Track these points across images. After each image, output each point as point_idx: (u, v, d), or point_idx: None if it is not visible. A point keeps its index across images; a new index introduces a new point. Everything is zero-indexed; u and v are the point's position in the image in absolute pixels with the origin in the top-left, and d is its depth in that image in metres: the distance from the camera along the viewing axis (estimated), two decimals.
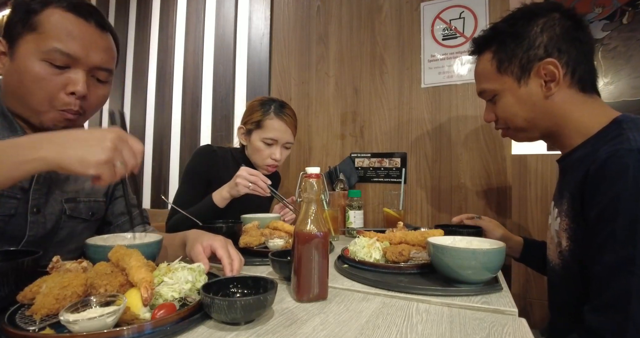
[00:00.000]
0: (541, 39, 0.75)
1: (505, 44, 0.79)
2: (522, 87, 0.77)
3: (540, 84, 0.76)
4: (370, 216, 1.58)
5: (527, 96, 0.77)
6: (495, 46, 0.81)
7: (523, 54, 0.76)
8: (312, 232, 0.61)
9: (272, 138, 1.26)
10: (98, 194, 0.86)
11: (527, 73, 0.76)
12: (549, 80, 0.75)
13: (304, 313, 0.56)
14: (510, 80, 0.79)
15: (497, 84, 0.81)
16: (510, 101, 0.80)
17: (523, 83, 0.77)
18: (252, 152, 1.31)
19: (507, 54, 0.78)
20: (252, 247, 0.95)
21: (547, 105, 0.76)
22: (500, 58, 0.79)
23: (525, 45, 0.76)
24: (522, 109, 0.79)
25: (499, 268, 0.68)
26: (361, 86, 1.66)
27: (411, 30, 1.57)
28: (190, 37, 2.14)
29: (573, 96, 0.75)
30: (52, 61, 0.66)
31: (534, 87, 0.77)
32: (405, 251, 0.77)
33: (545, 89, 0.75)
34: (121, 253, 0.56)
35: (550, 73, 0.74)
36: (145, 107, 2.27)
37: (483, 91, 0.85)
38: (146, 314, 0.47)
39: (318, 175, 0.64)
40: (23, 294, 0.48)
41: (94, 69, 0.71)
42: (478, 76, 0.87)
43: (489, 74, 0.82)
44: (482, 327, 0.52)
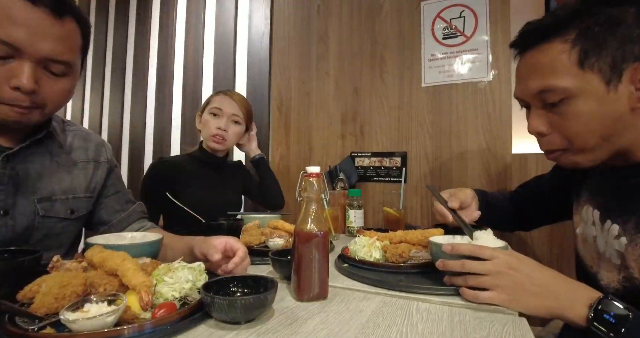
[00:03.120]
0: (639, 32, 0.57)
1: (594, 30, 0.58)
2: (610, 91, 0.58)
3: (631, 91, 0.58)
4: (371, 215, 1.58)
5: (613, 103, 0.59)
6: (576, 31, 0.60)
7: (617, 48, 0.57)
8: (313, 231, 0.61)
9: (216, 106, 1.29)
10: (78, 190, 0.79)
11: (619, 75, 0.58)
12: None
13: (304, 312, 0.56)
14: (596, 80, 0.59)
15: (576, 82, 0.60)
16: (588, 108, 0.60)
17: (612, 86, 0.58)
18: (202, 129, 1.33)
19: (597, 43, 0.58)
20: (253, 246, 0.95)
21: (632, 119, 0.60)
22: (585, 48, 0.59)
23: (619, 35, 0.57)
24: (601, 120, 0.60)
25: None
26: (361, 85, 1.66)
27: (411, 30, 1.56)
28: (191, 36, 2.13)
29: None
30: None
31: (623, 93, 0.58)
32: (405, 253, 0.76)
33: (635, 98, 0.58)
34: (105, 253, 0.54)
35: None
36: (146, 106, 2.27)
37: (547, 91, 0.63)
38: (146, 313, 0.47)
39: (318, 174, 0.64)
40: (23, 293, 0.48)
41: (45, 60, 0.61)
42: (539, 70, 0.64)
43: (563, 68, 0.61)
44: (482, 326, 0.52)
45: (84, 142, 0.85)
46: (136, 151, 2.28)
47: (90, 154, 0.85)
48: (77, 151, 0.82)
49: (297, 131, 1.79)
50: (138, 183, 2.20)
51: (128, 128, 2.34)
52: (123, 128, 2.36)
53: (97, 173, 0.84)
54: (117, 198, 0.90)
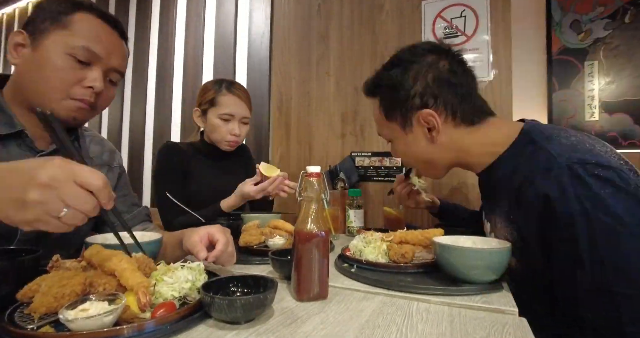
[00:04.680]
0: (416, 89, 0.76)
1: (386, 94, 0.81)
2: (408, 134, 0.79)
3: (423, 131, 0.77)
4: (371, 215, 1.58)
5: (414, 141, 0.79)
6: (379, 95, 0.83)
7: (402, 105, 0.77)
8: (313, 231, 0.61)
9: (228, 112, 1.25)
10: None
11: (409, 122, 0.78)
12: (431, 127, 0.76)
13: (304, 312, 0.56)
14: (397, 127, 0.80)
15: (388, 130, 0.83)
16: (402, 147, 0.83)
17: (408, 130, 0.79)
18: (211, 131, 1.29)
19: (389, 103, 0.80)
20: (252, 246, 0.95)
21: (438, 147, 0.78)
22: (385, 107, 0.82)
23: (402, 95, 0.77)
24: (413, 152, 0.82)
25: (503, 270, 0.67)
26: (362, 85, 1.65)
27: (412, 29, 1.56)
28: (191, 35, 2.13)
29: (463, 132, 0.76)
30: (76, 56, 0.70)
31: (418, 134, 0.78)
32: (408, 254, 0.76)
33: (429, 136, 0.77)
34: (104, 253, 0.54)
35: (430, 122, 0.75)
36: (145, 105, 2.27)
37: (380, 135, 0.89)
38: (146, 313, 0.47)
39: (319, 174, 0.64)
40: (23, 292, 0.48)
41: (111, 70, 0.76)
42: (375, 119, 0.88)
43: (379, 120, 0.85)
44: (483, 326, 0.52)
45: (100, 147, 0.93)
46: (136, 151, 2.28)
47: (105, 158, 0.92)
48: (93, 155, 0.89)
49: (297, 131, 1.79)
50: (138, 182, 2.21)
51: (128, 127, 2.34)
52: (123, 128, 2.36)
53: (109, 176, 0.89)
54: (124, 201, 0.93)
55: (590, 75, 1.34)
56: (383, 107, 0.82)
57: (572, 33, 1.37)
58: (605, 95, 1.32)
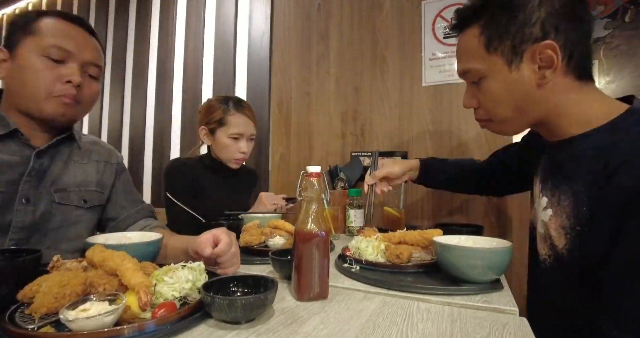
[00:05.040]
0: (538, 15, 0.63)
1: (497, 17, 0.67)
2: (513, 71, 0.67)
3: (533, 69, 0.65)
4: (371, 215, 1.57)
5: (518, 82, 0.67)
6: (484, 18, 0.69)
7: (517, 32, 0.65)
8: (313, 231, 0.61)
9: (237, 132, 1.30)
10: (90, 184, 0.89)
11: (520, 56, 0.66)
12: (544, 66, 0.65)
13: (305, 312, 0.56)
14: (500, 61, 0.67)
15: (484, 64, 0.69)
16: (497, 86, 0.69)
17: (514, 67, 0.66)
18: (220, 149, 1.33)
19: (498, 29, 0.67)
20: (253, 246, 0.95)
21: (539, 94, 0.67)
22: (489, 34, 0.68)
23: (520, 20, 0.64)
24: (510, 96, 0.69)
25: (504, 269, 0.67)
26: (362, 85, 1.65)
27: (412, 29, 1.56)
28: (191, 35, 2.13)
29: (569, 84, 0.66)
30: (50, 55, 0.75)
31: (526, 72, 0.66)
32: (403, 255, 0.76)
33: (539, 76, 0.65)
34: (106, 253, 0.55)
35: (547, 58, 0.64)
36: (146, 105, 2.27)
37: (466, 72, 0.74)
38: (146, 313, 0.47)
39: (319, 174, 0.64)
40: (23, 293, 0.48)
41: (87, 64, 0.80)
42: (461, 53, 0.75)
43: (475, 52, 0.70)
44: (483, 326, 0.52)
45: (98, 147, 0.95)
46: (136, 151, 2.28)
47: (103, 156, 0.95)
48: (92, 154, 0.92)
49: (297, 131, 1.79)
50: (138, 183, 2.21)
51: (128, 127, 2.34)
52: (123, 128, 2.36)
53: (107, 171, 0.94)
54: (125, 196, 0.96)
55: None
56: (486, 34, 0.68)
57: None
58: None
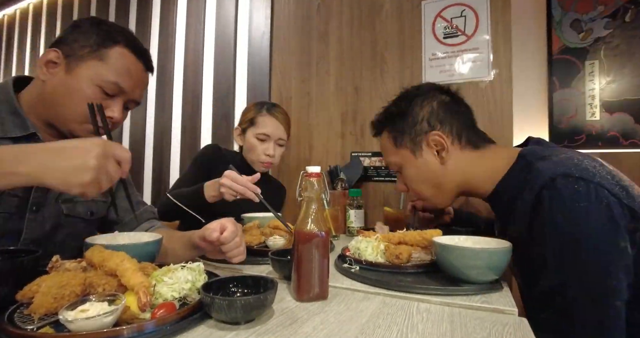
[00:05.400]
0: (422, 114, 0.85)
1: (396, 122, 0.88)
2: (418, 158, 0.86)
3: (433, 153, 0.84)
4: (371, 215, 1.58)
5: (424, 165, 0.85)
6: (389, 125, 0.91)
7: (411, 130, 0.86)
8: (313, 231, 0.61)
9: (264, 133, 1.30)
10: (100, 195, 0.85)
11: (419, 145, 0.85)
12: (439, 149, 0.83)
13: (304, 312, 0.56)
14: (407, 153, 0.87)
15: (397, 157, 0.89)
16: (412, 171, 0.88)
17: (418, 154, 0.86)
18: (247, 150, 1.34)
19: (398, 131, 0.88)
20: (253, 246, 0.95)
21: (446, 169, 0.84)
22: (394, 135, 0.89)
23: (410, 122, 0.86)
24: (424, 177, 0.87)
25: (503, 269, 0.67)
26: (362, 85, 1.65)
27: (412, 29, 1.56)
28: (191, 36, 2.13)
29: (468, 155, 0.83)
30: (105, 89, 0.75)
31: (428, 156, 0.85)
32: (402, 255, 0.76)
33: (439, 157, 0.84)
34: (105, 253, 0.55)
35: (438, 143, 0.83)
36: (146, 106, 2.27)
37: (389, 164, 0.94)
38: (146, 314, 0.47)
39: (319, 174, 0.64)
40: (22, 293, 0.48)
41: (130, 101, 0.81)
42: (383, 151, 0.95)
43: (389, 149, 0.91)
44: (483, 326, 0.52)
45: None
46: (136, 152, 2.28)
47: None
48: None
49: (297, 131, 1.79)
50: (139, 183, 2.21)
51: (128, 127, 2.34)
52: (123, 128, 2.36)
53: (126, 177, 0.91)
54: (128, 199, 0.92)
55: (590, 74, 1.34)
56: (392, 135, 0.89)
57: (573, 32, 1.37)
58: (605, 94, 1.32)
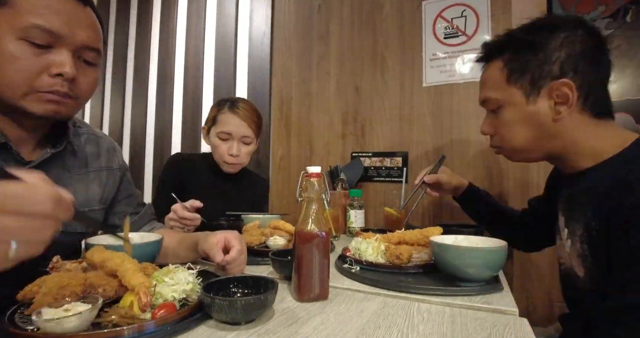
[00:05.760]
0: (559, 55, 0.68)
1: (520, 52, 0.72)
2: (530, 104, 0.71)
3: (550, 104, 0.69)
4: (371, 215, 1.58)
5: (534, 114, 0.71)
6: (508, 53, 0.74)
7: (536, 68, 0.70)
8: (313, 232, 0.61)
9: (225, 131, 1.22)
10: (93, 203, 0.79)
11: (538, 90, 0.70)
12: (560, 102, 0.68)
13: (305, 312, 0.56)
14: (518, 94, 0.72)
15: (504, 94, 0.74)
16: (514, 117, 0.74)
17: (532, 100, 0.71)
18: (212, 150, 1.29)
19: (520, 64, 0.72)
20: (253, 246, 0.95)
21: (554, 128, 0.70)
22: (512, 67, 0.73)
23: (540, 58, 0.69)
24: (525, 128, 0.73)
25: (500, 267, 0.68)
26: (362, 85, 1.65)
27: (412, 29, 1.56)
28: (191, 36, 2.13)
29: (584, 121, 0.69)
30: (31, 39, 0.57)
31: (542, 106, 0.70)
32: (402, 256, 0.76)
33: (554, 111, 0.69)
34: (106, 254, 0.55)
35: (562, 95, 0.68)
36: (146, 106, 2.27)
37: (487, 100, 0.78)
38: (147, 314, 0.47)
39: (319, 174, 0.63)
40: (23, 293, 0.48)
41: (81, 48, 0.62)
42: (484, 82, 0.80)
43: (496, 82, 0.75)
44: (484, 327, 0.52)
45: (96, 147, 0.82)
46: (137, 152, 2.28)
47: (103, 161, 0.83)
48: (90, 158, 0.80)
49: (297, 131, 1.79)
50: (139, 183, 2.21)
51: (129, 127, 2.34)
52: (124, 128, 2.36)
53: (109, 182, 0.83)
54: (129, 202, 0.90)
55: None
56: (509, 67, 0.73)
57: None
58: None
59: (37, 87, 0.59)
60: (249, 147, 1.28)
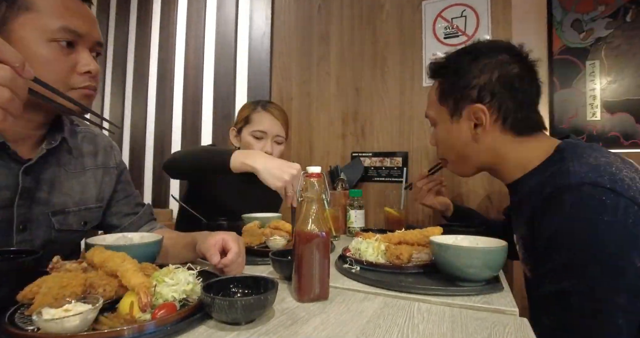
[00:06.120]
0: (477, 81, 0.75)
1: (448, 76, 0.80)
2: (453, 123, 0.79)
3: (469, 125, 0.77)
4: (371, 215, 1.58)
5: (457, 132, 0.79)
6: (443, 75, 0.82)
7: (458, 92, 0.77)
8: (313, 232, 0.61)
9: (260, 129, 1.22)
10: (89, 201, 0.79)
11: (460, 112, 0.77)
12: (478, 124, 0.76)
13: (305, 313, 0.56)
14: (445, 112, 0.80)
15: (436, 112, 0.83)
16: (443, 134, 0.83)
17: (455, 120, 0.78)
18: (243, 148, 1.27)
19: (447, 87, 0.80)
20: (253, 246, 0.95)
21: (476, 146, 0.77)
22: (442, 89, 0.81)
23: (462, 83, 0.76)
24: (452, 143, 0.81)
25: (500, 267, 0.68)
26: (362, 85, 1.65)
27: (412, 29, 1.56)
28: (191, 36, 2.13)
29: (507, 139, 0.75)
30: (60, 39, 0.61)
31: (464, 126, 0.78)
32: (403, 255, 0.76)
33: (473, 132, 0.77)
34: (106, 254, 0.55)
35: (478, 117, 0.75)
36: (146, 106, 2.27)
37: (426, 116, 0.88)
38: (146, 314, 0.47)
39: (319, 174, 0.63)
40: (23, 294, 0.48)
41: (94, 45, 0.67)
42: (427, 99, 0.88)
43: (432, 101, 0.84)
44: (484, 326, 0.52)
45: (93, 146, 0.83)
46: (137, 152, 2.28)
47: (100, 159, 0.83)
48: (86, 156, 0.80)
49: (297, 131, 1.79)
50: (139, 183, 2.21)
51: (129, 127, 2.34)
52: (124, 128, 2.36)
53: (105, 180, 0.83)
54: (127, 202, 0.90)
55: (591, 74, 1.34)
56: (440, 89, 0.81)
57: (573, 32, 1.36)
58: (606, 95, 1.31)
59: (72, 85, 0.64)
60: (281, 147, 1.29)
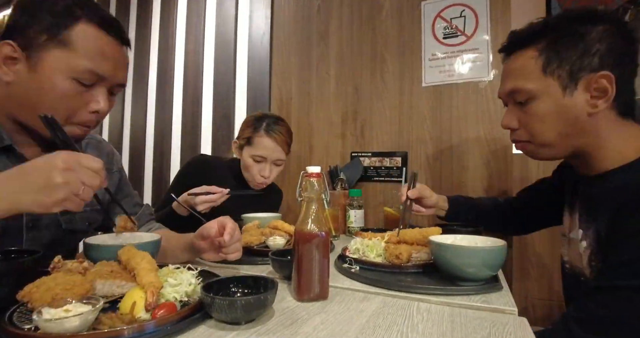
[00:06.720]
0: (598, 47, 0.65)
1: (559, 42, 0.68)
2: (566, 96, 0.67)
3: (586, 98, 0.66)
4: (371, 215, 1.58)
5: (569, 108, 0.67)
6: (545, 42, 0.69)
7: (576, 59, 0.66)
8: (313, 231, 0.61)
9: (260, 155, 1.24)
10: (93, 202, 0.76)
11: (575, 82, 0.67)
12: (596, 96, 0.66)
13: (305, 312, 0.56)
14: (555, 85, 0.68)
15: (539, 85, 0.69)
16: (548, 109, 0.69)
17: (568, 93, 0.67)
18: (243, 168, 1.30)
19: (558, 53, 0.67)
20: (253, 246, 0.95)
21: (587, 123, 0.67)
22: (548, 56, 0.68)
23: (580, 48, 0.66)
24: (558, 121, 0.69)
25: (499, 266, 0.68)
26: (362, 85, 1.65)
27: (412, 29, 1.56)
28: (191, 36, 2.13)
29: (612, 119, 0.68)
30: (82, 80, 0.65)
31: (579, 99, 0.67)
32: (402, 255, 0.76)
33: (590, 105, 0.66)
34: (132, 252, 0.57)
35: (601, 88, 0.65)
36: (146, 106, 2.27)
37: (516, 91, 0.73)
38: (146, 314, 0.47)
39: (319, 174, 0.64)
40: (23, 293, 0.48)
41: (115, 85, 0.71)
42: (512, 73, 0.74)
43: (529, 72, 0.70)
44: (483, 326, 0.52)
45: (97, 151, 0.87)
46: (137, 152, 2.28)
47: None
48: None
49: (297, 131, 1.79)
50: (138, 183, 2.21)
51: (129, 128, 2.34)
52: (124, 129, 2.36)
53: (109, 183, 0.84)
54: (126, 202, 0.92)
55: None
56: (545, 56, 0.68)
57: None
58: None
59: (72, 120, 0.67)
60: (280, 168, 1.32)
